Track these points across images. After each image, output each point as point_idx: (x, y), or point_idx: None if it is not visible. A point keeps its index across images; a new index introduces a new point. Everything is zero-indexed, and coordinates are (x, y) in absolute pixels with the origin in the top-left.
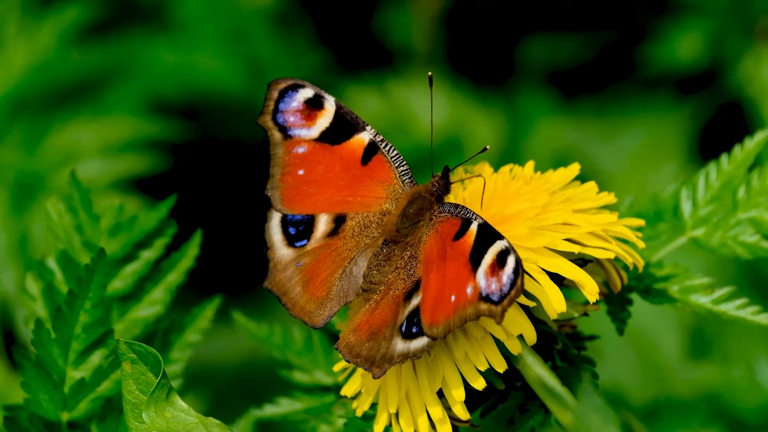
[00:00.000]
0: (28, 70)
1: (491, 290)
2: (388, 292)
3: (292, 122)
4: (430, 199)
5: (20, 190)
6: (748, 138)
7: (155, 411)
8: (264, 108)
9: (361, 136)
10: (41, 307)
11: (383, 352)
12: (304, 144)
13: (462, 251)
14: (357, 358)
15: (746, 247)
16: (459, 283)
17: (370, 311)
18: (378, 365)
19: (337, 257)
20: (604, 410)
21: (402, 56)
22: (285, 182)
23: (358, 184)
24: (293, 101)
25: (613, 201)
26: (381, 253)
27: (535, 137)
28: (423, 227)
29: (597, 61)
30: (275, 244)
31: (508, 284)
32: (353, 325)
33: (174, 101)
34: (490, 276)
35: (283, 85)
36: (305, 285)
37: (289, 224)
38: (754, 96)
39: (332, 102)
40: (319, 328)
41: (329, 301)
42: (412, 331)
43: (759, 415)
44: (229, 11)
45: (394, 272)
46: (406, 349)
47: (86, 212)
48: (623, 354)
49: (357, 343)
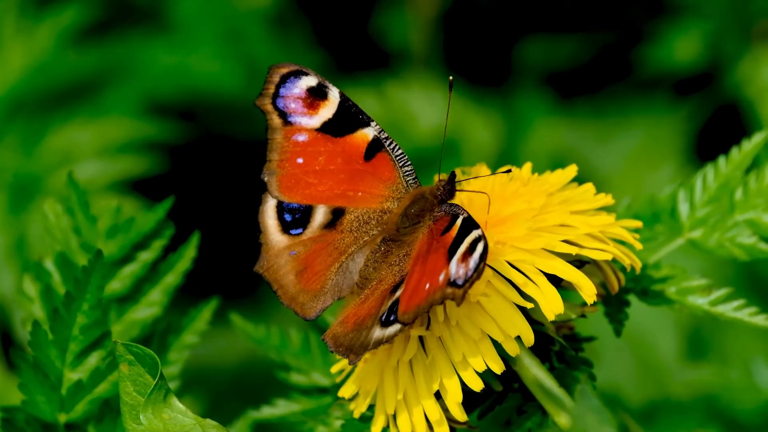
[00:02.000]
0: (26, 71)
1: (458, 275)
2: (378, 287)
3: (293, 108)
4: (433, 201)
5: (18, 191)
6: (746, 140)
7: (153, 412)
8: (263, 90)
9: (366, 132)
10: (39, 308)
11: (362, 341)
12: (304, 132)
13: (444, 243)
14: (339, 348)
15: (743, 249)
16: (435, 271)
17: (359, 304)
18: (356, 352)
19: (334, 251)
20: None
21: (399, 58)
22: (283, 168)
23: (360, 179)
24: (295, 87)
25: (611, 202)
26: (379, 251)
27: (532, 138)
28: (421, 227)
29: (594, 62)
30: (269, 229)
31: (473, 268)
32: (341, 318)
33: (171, 102)
34: (461, 262)
35: (286, 69)
36: (299, 275)
37: (285, 211)
38: (752, 97)
39: (336, 93)
40: (310, 321)
41: (323, 294)
42: (390, 320)
43: (756, 416)
44: (226, 12)
45: (388, 269)
46: (381, 335)
47: (84, 214)
48: (620, 355)
49: (342, 334)
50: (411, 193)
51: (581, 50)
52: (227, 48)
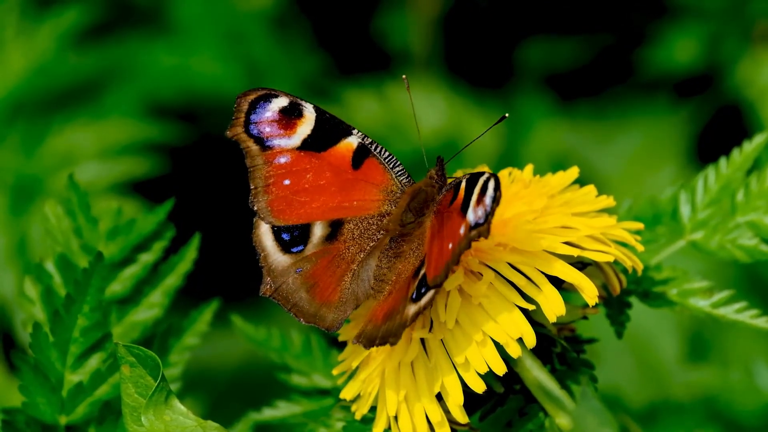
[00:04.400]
0: (27, 72)
1: (478, 216)
2: (399, 280)
3: (269, 132)
4: (431, 191)
5: (18, 193)
6: (747, 141)
7: (154, 414)
8: (234, 120)
9: (349, 140)
10: (39, 310)
11: (399, 322)
12: (285, 153)
13: (455, 207)
14: (374, 341)
15: (745, 251)
16: (454, 231)
17: (383, 301)
18: (395, 334)
19: (342, 262)
20: (602, 413)
21: (400, 59)
22: (271, 193)
23: (352, 188)
24: (266, 111)
25: (612, 204)
26: (390, 250)
27: (533, 140)
28: (426, 217)
29: (595, 64)
30: (269, 251)
31: (490, 202)
32: (368, 317)
33: (172, 104)
34: (477, 206)
35: (253, 96)
36: (310, 290)
37: (282, 231)
38: (753, 99)
39: (311, 108)
40: (333, 331)
41: (342, 304)
42: (421, 293)
43: (757, 417)
44: (227, 14)
45: (404, 263)
46: (417, 308)
47: (84, 215)
48: (622, 357)
49: (374, 330)
50: (407, 191)
51: (582, 52)
52: (228, 49)
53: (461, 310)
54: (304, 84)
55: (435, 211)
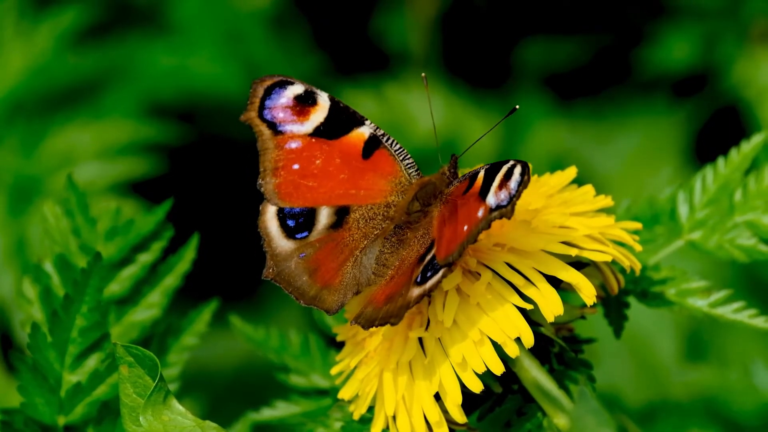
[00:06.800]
0: (25, 73)
1: (501, 199)
2: (402, 265)
3: (282, 118)
4: (441, 184)
5: (17, 193)
6: (745, 141)
7: (152, 414)
8: (249, 105)
9: (361, 131)
10: (38, 310)
11: (400, 304)
12: (297, 139)
13: (473, 193)
14: (374, 321)
15: (743, 250)
16: (470, 214)
17: (385, 285)
18: (397, 315)
19: (345, 248)
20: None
21: (398, 59)
22: (279, 177)
23: (360, 177)
24: (281, 97)
25: (610, 204)
26: (394, 237)
27: (531, 140)
28: (433, 208)
29: (593, 64)
30: (273, 236)
31: (516, 186)
32: (369, 299)
33: (171, 104)
34: (499, 190)
35: (269, 82)
36: (312, 273)
37: (288, 216)
38: (751, 99)
39: (326, 97)
40: (332, 314)
41: (343, 288)
42: (426, 276)
43: (755, 417)
44: (226, 14)
45: (408, 249)
46: (422, 291)
47: (83, 216)
48: (620, 357)
49: (374, 311)
50: (416, 182)
51: (580, 52)
52: (226, 50)
53: (459, 310)
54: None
55: (444, 200)
